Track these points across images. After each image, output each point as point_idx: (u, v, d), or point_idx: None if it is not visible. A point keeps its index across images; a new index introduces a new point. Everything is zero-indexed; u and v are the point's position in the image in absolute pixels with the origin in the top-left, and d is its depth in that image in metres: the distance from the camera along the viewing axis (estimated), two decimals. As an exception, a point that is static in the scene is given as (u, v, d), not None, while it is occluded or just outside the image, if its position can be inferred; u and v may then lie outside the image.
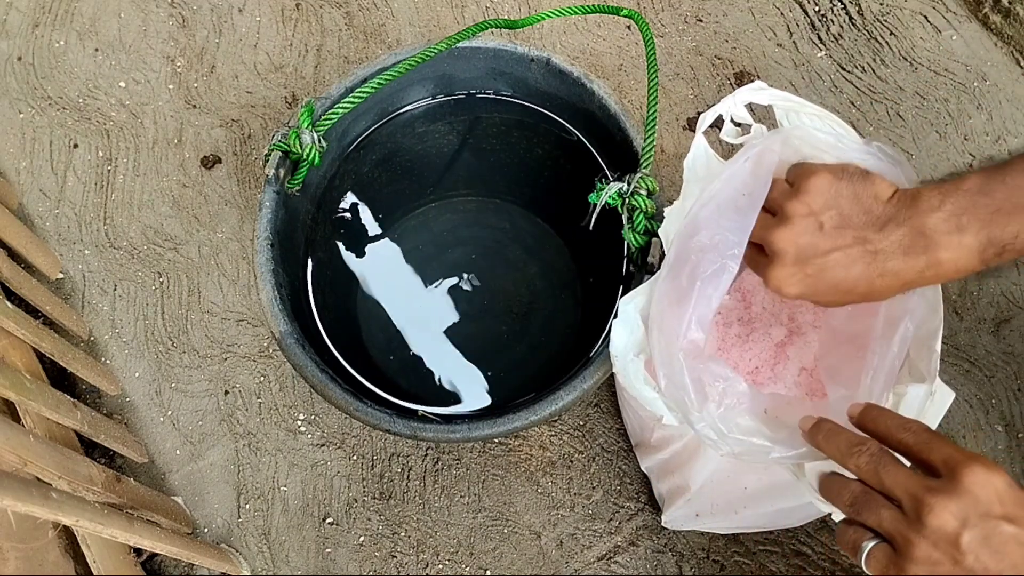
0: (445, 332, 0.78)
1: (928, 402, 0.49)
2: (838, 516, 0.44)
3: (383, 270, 0.80)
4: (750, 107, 0.60)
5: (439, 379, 0.76)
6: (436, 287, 0.80)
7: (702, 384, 0.51)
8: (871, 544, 0.40)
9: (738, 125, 0.60)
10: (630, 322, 0.56)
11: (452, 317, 0.79)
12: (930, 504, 0.37)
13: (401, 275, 0.80)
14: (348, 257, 0.80)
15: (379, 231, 0.82)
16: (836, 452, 0.43)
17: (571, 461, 0.83)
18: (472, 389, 0.75)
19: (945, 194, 0.44)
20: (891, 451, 0.42)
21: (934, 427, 0.52)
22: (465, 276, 0.81)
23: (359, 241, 0.81)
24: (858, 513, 0.41)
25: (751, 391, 0.53)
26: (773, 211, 0.50)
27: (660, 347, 0.52)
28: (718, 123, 0.58)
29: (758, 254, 0.51)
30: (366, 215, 0.81)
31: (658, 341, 0.53)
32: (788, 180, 0.51)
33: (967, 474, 0.38)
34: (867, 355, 0.51)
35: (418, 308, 0.79)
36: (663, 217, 0.60)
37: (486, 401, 0.74)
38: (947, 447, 0.40)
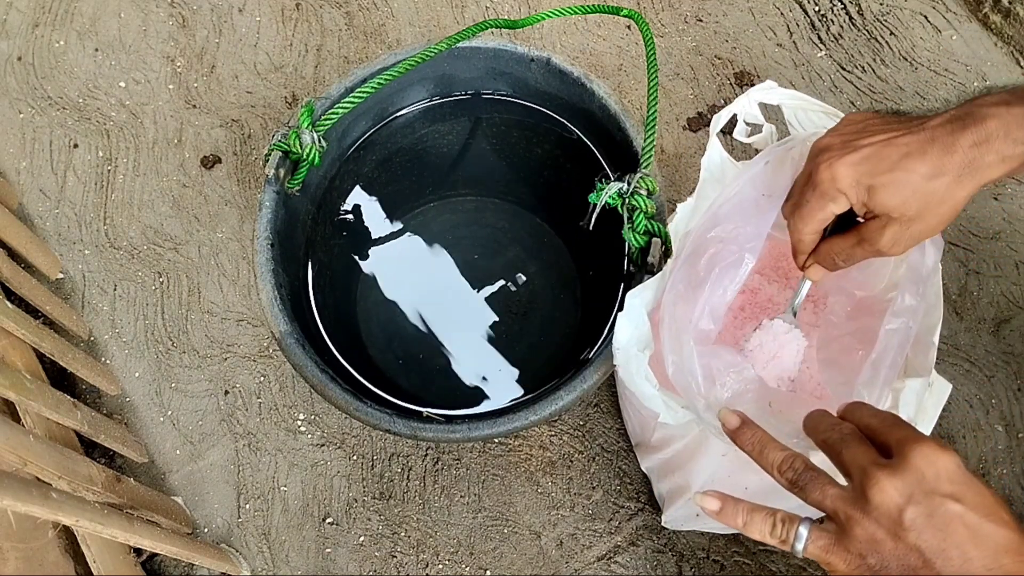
0: (445, 332, 0.78)
1: (926, 394, 0.50)
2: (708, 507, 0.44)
3: (383, 270, 0.80)
4: (762, 107, 0.61)
5: (439, 379, 0.76)
6: (436, 287, 0.80)
7: (710, 370, 0.51)
8: (807, 526, 0.39)
9: (750, 125, 0.61)
10: (636, 316, 0.56)
11: (452, 317, 0.79)
12: (876, 478, 0.37)
13: (401, 275, 0.80)
14: (348, 257, 0.80)
15: (379, 231, 0.82)
16: (815, 431, 0.43)
17: (571, 461, 0.83)
18: (472, 389, 0.75)
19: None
20: (861, 434, 0.41)
21: (934, 419, 0.52)
22: (465, 276, 0.81)
23: (359, 241, 0.81)
24: (802, 489, 0.40)
25: (759, 380, 0.53)
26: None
27: (671, 332, 0.53)
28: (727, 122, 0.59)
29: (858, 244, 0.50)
30: (366, 215, 0.81)
31: (669, 327, 0.53)
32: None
33: (916, 452, 0.37)
34: (867, 352, 0.51)
35: (418, 308, 0.79)
36: (663, 217, 0.61)
37: (486, 401, 0.74)
38: (905, 429, 0.40)
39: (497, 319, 0.79)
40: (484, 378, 0.76)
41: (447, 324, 0.78)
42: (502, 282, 0.80)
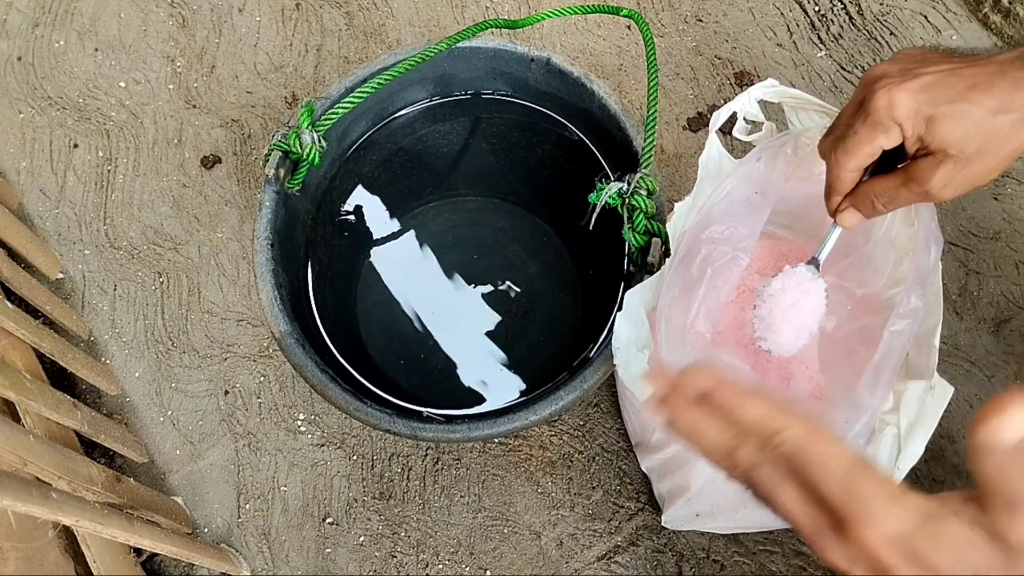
0: (445, 332, 0.78)
1: (928, 397, 0.50)
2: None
3: (383, 270, 0.80)
4: (762, 105, 0.61)
5: (439, 379, 0.76)
6: (436, 287, 0.80)
7: None
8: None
9: (749, 123, 0.60)
10: (635, 315, 0.56)
11: (452, 317, 0.79)
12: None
13: (401, 275, 0.80)
14: (348, 257, 0.80)
15: (379, 231, 0.82)
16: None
17: (571, 461, 0.83)
18: (472, 389, 0.75)
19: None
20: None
21: (935, 422, 0.52)
22: (465, 276, 0.81)
23: (359, 241, 0.81)
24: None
25: (757, 382, 0.53)
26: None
27: (667, 335, 0.53)
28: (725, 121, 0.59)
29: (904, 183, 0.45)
30: (366, 215, 0.81)
31: (665, 329, 0.53)
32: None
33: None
34: (868, 353, 0.51)
35: (418, 308, 0.79)
36: (663, 217, 0.60)
37: (486, 401, 0.74)
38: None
39: (497, 319, 0.79)
40: (484, 378, 0.76)
41: (447, 324, 0.78)
42: (502, 282, 0.80)
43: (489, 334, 0.78)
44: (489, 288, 0.80)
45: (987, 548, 0.28)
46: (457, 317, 0.79)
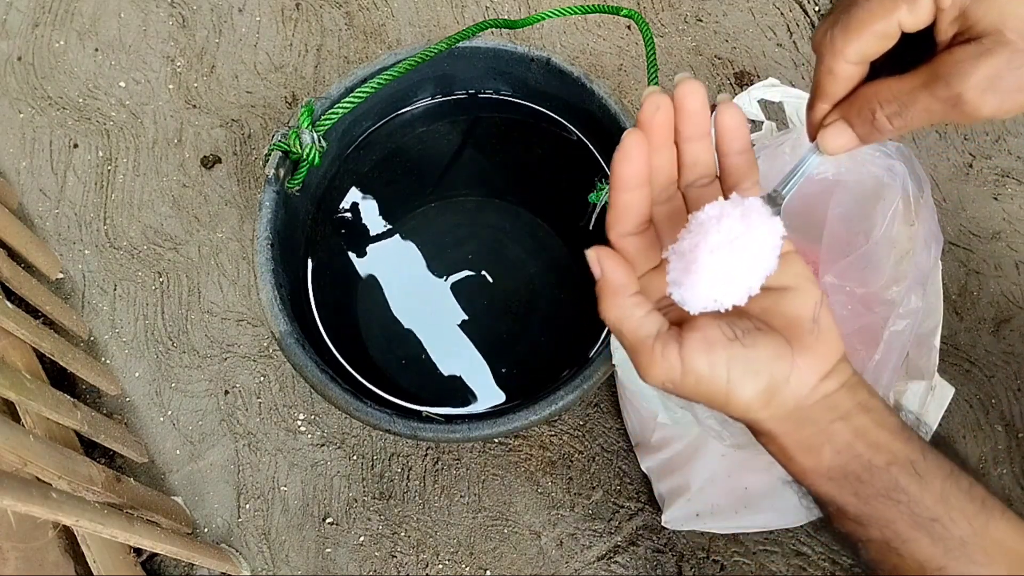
0: (445, 332, 0.78)
1: (929, 397, 0.50)
2: None
3: (383, 270, 0.80)
4: (762, 104, 0.61)
5: (439, 379, 0.76)
6: (436, 287, 0.80)
7: None
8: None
9: (749, 122, 0.60)
10: None
11: (452, 317, 0.79)
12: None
13: (401, 275, 0.80)
14: (348, 257, 0.80)
15: (379, 231, 0.82)
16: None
17: (571, 461, 0.83)
18: (472, 389, 0.75)
19: None
20: None
21: (935, 423, 0.52)
22: (465, 276, 0.81)
23: (359, 241, 0.81)
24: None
25: None
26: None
27: None
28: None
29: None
30: (366, 215, 0.81)
31: None
32: None
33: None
34: (868, 353, 0.51)
35: (418, 308, 0.79)
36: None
37: (486, 401, 0.74)
38: None
39: (497, 319, 0.79)
40: (484, 378, 0.76)
41: (447, 324, 0.78)
42: (502, 282, 0.80)
43: (489, 334, 0.78)
44: (489, 288, 0.80)
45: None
46: (457, 317, 0.79)
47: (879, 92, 0.32)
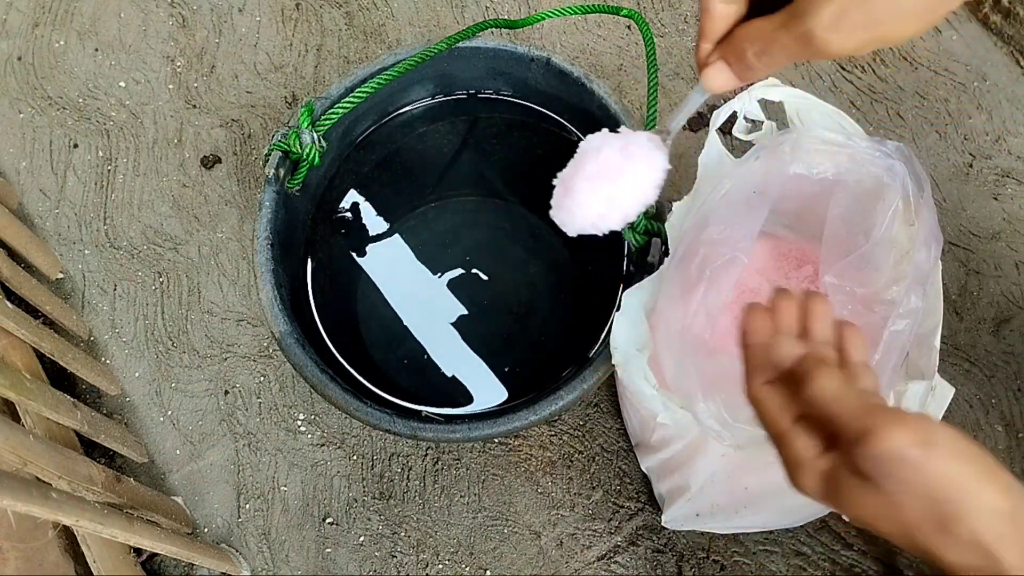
0: (445, 332, 0.78)
1: (929, 398, 0.50)
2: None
3: (383, 270, 0.80)
4: (763, 104, 0.61)
5: (439, 379, 0.76)
6: (436, 287, 0.80)
7: (707, 374, 0.51)
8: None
9: (749, 122, 0.60)
10: (633, 315, 0.56)
11: (452, 317, 0.79)
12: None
13: (401, 275, 0.80)
14: (348, 257, 0.80)
15: (379, 231, 0.82)
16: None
17: (571, 461, 0.83)
18: (472, 389, 0.75)
19: None
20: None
21: None
22: (465, 276, 0.81)
23: (359, 241, 0.81)
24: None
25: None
26: None
27: (666, 336, 0.53)
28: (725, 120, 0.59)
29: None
30: (366, 215, 0.81)
31: (664, 331, 0.53)
32: None
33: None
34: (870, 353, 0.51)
35: (418, 308, 0.79)
36: (663, 217, 0.60)
37: (486, 401, 0.74)
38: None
39: (497, 319, 0.79)
40: (484, 378, 0.76)
41: (447, 324, 0.78)
42: (502, 282, 0.80)
43: (489, 334, 0.78)
44: (489, 288, 0.80)
45: None
46: (456, 317, 0.79)
47: (749, 32, 0.34)
